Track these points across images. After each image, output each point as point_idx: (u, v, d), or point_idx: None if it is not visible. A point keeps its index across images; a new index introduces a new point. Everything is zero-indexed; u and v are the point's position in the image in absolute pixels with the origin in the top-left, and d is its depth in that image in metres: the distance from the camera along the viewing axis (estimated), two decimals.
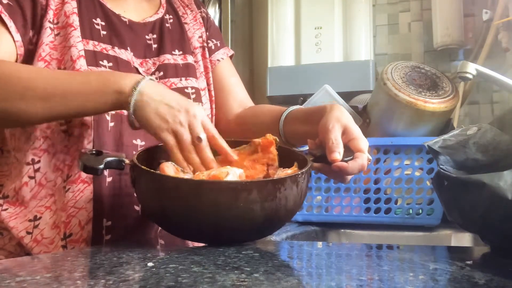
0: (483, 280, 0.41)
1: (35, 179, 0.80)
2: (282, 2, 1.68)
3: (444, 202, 0.66)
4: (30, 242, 0.78)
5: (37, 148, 0.80)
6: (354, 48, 1.61)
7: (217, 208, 0.59)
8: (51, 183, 0.80)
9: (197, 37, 1.03)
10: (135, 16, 0.94)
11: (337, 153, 0.70)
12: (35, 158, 0.80)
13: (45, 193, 0.80)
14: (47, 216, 0.79)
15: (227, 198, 0.59)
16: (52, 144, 0.80)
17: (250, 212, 0.60)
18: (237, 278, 0.42)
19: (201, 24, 1.05)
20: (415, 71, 1.29)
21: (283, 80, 1.62)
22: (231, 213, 0.60)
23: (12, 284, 0.40)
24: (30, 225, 0.79)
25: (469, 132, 0.70)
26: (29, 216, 0.79)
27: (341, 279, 0.45)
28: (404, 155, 1.21)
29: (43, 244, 0.79)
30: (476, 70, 1.09)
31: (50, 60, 0.81)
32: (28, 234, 0.78)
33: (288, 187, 0.63)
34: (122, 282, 0.42)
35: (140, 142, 0.85)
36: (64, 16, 0.83)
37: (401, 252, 0.63)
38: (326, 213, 1.27)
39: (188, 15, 1.04)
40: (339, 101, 1.37)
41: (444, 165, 0.67)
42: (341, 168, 0.70)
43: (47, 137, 0.80)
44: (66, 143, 0.81)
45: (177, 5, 1.04)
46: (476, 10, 1.58)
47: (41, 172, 0.80)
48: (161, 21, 0.98)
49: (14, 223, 0.79)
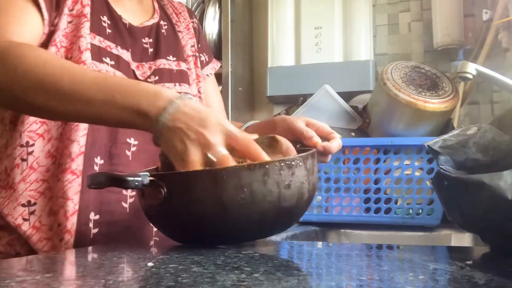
0: (483, 280, 0.41)
1: (27, 162, 0.80)
2: (282, 2, 1.68)
3: (444, 202, 0.66)
4: (28, 229, 0.78)
5: (33, 131, 0.80)
6: (354, 48, 1.61)
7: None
8: (43, 168, 0.80)
9: (190, 46, 1.04)
10: (133, 19, 0.95)
11: (315, 137, 0.78)
12: (29, 141, 0.80)
13: (35, 177, 0.80)
14: (42, 202, 0.79)
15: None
16: (48, 130, 0.81)
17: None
18: (237, 278, 0.42)
19: (193, 34, 1.07)
20: (415, 71, 1.29)
21: (283, 80, 1.62)
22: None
23: (12, 284, 0.40)
24: (25, 211, 0.78)
25: (469, 132, 0.70)
26: (20, 200, 0.79)
27: (341, 279, 0.45)
28: (404, 155, 1.21)
29: (42, 231, 0.79)
30: (476, 70, 1.09)
31: (59, 47, 0.81)
32: (25, 221, 0.78)
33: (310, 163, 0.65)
34: (122, 282, 0.42)
35: (133, 141, 0.86)
36: (80, 5, 0.84)
37: (401, 252, 0.63)
38: (326, 213, 1.27)
39: (181, 23, 1.06)
40: (339, 101, 1.38)
41: (444, 165, 0.67)
42: (325, 147, 0.79)
43: (44, 122, 0.81)
44: (61, 130, 0.81)
45: (170, 12, 1.05)
46: (476, 10, 1.58)
47: (34, 155, 0.80)
48: (157, 26, 0.99)
49: (8, 210, 0.78)
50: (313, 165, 0.66)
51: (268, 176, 0.59)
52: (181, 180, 0.61)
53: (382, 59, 1.72)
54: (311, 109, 1.38)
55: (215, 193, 0.59)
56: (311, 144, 0.78)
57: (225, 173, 0.59)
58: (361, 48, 1.60)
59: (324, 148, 0.78)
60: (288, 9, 1.68)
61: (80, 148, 0.80)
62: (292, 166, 0.61)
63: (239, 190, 0.58)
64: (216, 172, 0.60)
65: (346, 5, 1.63)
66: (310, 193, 0.65)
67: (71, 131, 0.80)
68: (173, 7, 1.07)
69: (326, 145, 0.79)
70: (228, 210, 0.59)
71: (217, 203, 0.59)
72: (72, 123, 0.81)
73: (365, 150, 1.25)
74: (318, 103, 1.38)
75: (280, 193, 0.60)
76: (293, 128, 0.80)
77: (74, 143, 0.79)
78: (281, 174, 0.60)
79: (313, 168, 0.66)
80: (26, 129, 0.80)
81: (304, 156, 0.64)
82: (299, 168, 0.62)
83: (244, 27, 1.83)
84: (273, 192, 0.60)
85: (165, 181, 0.60)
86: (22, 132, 0.80)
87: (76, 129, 0.80)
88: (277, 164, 0.60)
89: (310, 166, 0.65)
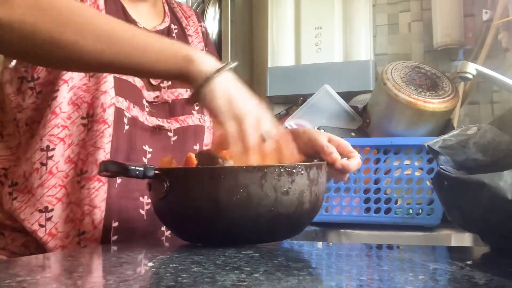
0: (483, 280, 0.41)
1: (46, 167, 0.79)
2: (282, 2, 1.68)
3: (444, 202, 0.66)
4: (45, 236, 0.77)
5: (54, 135, 0.79)
6: (354, 48, 1.61)
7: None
8: (62, 174, 0.79)
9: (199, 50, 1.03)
10: (147, 23, 0.94)
11: (335, 153, 0.77)
12: (50, 145, 0.79)
13: (54, 183, 0.79)
14: (59, 209, 0.79)
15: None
16: (69, 135, 0.80)
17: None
18: (237, 278, 0.42)
19: (202, 38, 1.06)
20: (415, 71, 1.29)
21: (283, 80, 1.62)
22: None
23: (12, 284, 0.40)
24: (42, 217, 0.78)
25: (469, 132, 0.70)
26: (38, 206, 0.78)
27: (341, 279, 0.45)
28: (404, 155, 1.21)
29: (58, 238, 0.78)
30: (476, 70, 1.09)
31: None
32: (41, 227, 0.78)
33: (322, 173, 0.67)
34: (122, 282, 0.42)
35: (148, 148, 0.85)
36: (96, 8, 0.83)
37: (401, 252, 0.63)
38: (326, 213, 1.27)
39: (190, 27, 1.05)
40: (339, 101, 1.38)
41: (444, 165, 0.67)
42: (344, 165, 0.77)
43: (66, 126, 0.80)
44: (83, 136, 0.80)
45: (179, 15, 1.04)
46: (476, 10, 1.58)
47: (54, 160, 0.79)
48: (168, 30, 0.98)
49: (24, 215, 0.78)
50: (318, 176, 0.65)
51: (265, 179, 0.60)
52: (181, 175, 0.63)
53: (382, 59, 1.72)
54: (311, 109, 1.38)
55: (212, 191, 0.60)
56: (330, 160, 0.77)
57: (222, 172, 0.60)
58: (361, 48, 1.60)
59: (342, 166, 0.77)
60: (288, 9, 1.68)
61: (106, 155, 0.79)
62: (292, 174, 0.62)
63: (235, 190, 0.59)
64: (214, 170, 0.62)
65: (346, 5, 1.63)
66: (313, 204, 0.65)
67: (96, 138, 0.79)
68: (182, 10, 1.07)
69: (345, 162, 0.77)
70: (223, 209, 0.60)
71: (213, 201, 0.60)
72: (94, 129, 0.79)
73: (365, 150, 1.25)
74: (318, 103, 1.38)
75: (277, 198, 0.60)
76: (314, 141, 0.80)
77: (99, 150, 0.79)
78: (279, 179, 0.61)
79: (318, 179, 0.65)
80: (47, 132, 0.79)
81: (308, 165, 0.64)
82: (300, 176, 0.62)
83: (244, 27, 1.83)
84: (269, 196, 0.60)
85: (168, 175, 0.62)
86: (43, 136, 0.79)
87: (101, 135, 0.79)
88: (276, 169, 0.61)
89: (314, 177, 0.64)
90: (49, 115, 0.79)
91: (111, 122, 0.80)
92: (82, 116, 0.80)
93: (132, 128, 0.83)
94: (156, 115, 0.88)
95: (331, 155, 0.77)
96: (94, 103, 0.80)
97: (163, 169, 0.65)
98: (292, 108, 1.49)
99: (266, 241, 0.65)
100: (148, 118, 0.87)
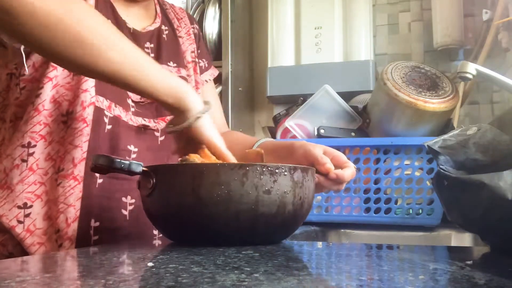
0: (483, 280, 0.41)
1: (27, 163, 0.79)
2: (282, 2, 1.68)
3: (444, 202, 0.66)
4: (22, 232, 0.77)
5: (36, 132, 0.80)
6: (354, 48, 1.61)
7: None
8: (42, 171, 0.80)
9: (190, 52, 1.04)
10: (137, 24, 0.94)
11: (329, 164, 0.78)
12: (32, 142, 0.80)
13: (33, 179, 0.79)
14: (38, 205, 0.79)
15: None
16: (50, 132, 0.80)
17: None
18: (237, 278, 0.42)
19: (193, 40, 1.07)
20: (415, 71, 1.29)
21: (283, 80, 1.62)
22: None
23: (12, 284, 0.40)
24: (21, 213, 0.78)
25: (469, 132, 0.70)
26: (17, 202, 0.78)
27: (341, 279, 0.45)
28: (404, 155, 1.21)
29: (36, 235, 0.78)
30: (476, 70, 1.09)
31: None
32: (20, 223, 0.78)
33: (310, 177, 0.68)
34: (122, 282, 0.42)
35: (133, 148, 0.86)
36: None
37: (401, 252, 0.63)
38: (326, 213, 1.27)
39: (182, 29, 1.06)
40: (339, 101, 1.38)
41: (444, 165, 0.67)
42: (338, 175, 0.78)
43: (48, 124, 0.80)
44: (63, 134, 0.81)
45: (171, 17, 1.05)
46: (476, 10, 1.58)
47: (34, 157, 0.80)
48: (159, 31, 0.98)
49: (3, 210, 0.78)
50: (303, 180, 0.66)
51: (247, 177, 0.61)
52: (166, 172, 0.64)
53: (382, 59, 1.72)
54: (311, 109, 1.38)
55: (194, 187, 0.61)
56: (324, 171, 0.78)
57: (205, 168, 0.62)
58: (361, 48, 1.60)
59: (337, 176, 0.78)
60: (288, 9, 1.68)
61: (83, 154, 0.79)
62: (275, 173, 0.62)
63: (217, 187, 0.60)
64: (197, 166, 0.64)
65: (346, 5, 1.63)
66: (296, 206, 0.65)
67: (74, 136, 0.80)
68: (175, 12, 1.07)
69: (339, 172, 0.79)
70: (204, 205, 0.61)
71: (195, 197, 0.61)
72: (73, 127, 0.80)
73: (365, 150, 1.25)
74: (318, 103, 1.38)
75: (258, 196, 0.61)
76: (309, 154, 0.81)
77: (77, 148, 0.79)
78: (261, 178, 0.61)
79: (304, 182, 0.66)
80: (29, 129, 0.79)
81: (292, 167, 0.65)
82: (283, 177, 0.63)
83: (244, 27, 1.83)
84: (250, 194, 0.61)
85: (154, 172, 0.64)
86: (25, 132, 0.79)
87: (79, 134, 0.80)
88: (258, 167, 0.62)
89: (298, 179, 0.65)
90: (32, 111, 0.80)
91: (89, 121, 0.80)
92: (62, 113, 0.81)
93: (114, 127, 0.83)
94: (142, 115, 0.89)
95: (324, 166, 0.78)
96: (75, 101, 0.80)
97: (150, 166, 0.66)
98: (292, 108, 1.49)
99: (249, 242, 0.64)
100: (133, 118, 0.87)
